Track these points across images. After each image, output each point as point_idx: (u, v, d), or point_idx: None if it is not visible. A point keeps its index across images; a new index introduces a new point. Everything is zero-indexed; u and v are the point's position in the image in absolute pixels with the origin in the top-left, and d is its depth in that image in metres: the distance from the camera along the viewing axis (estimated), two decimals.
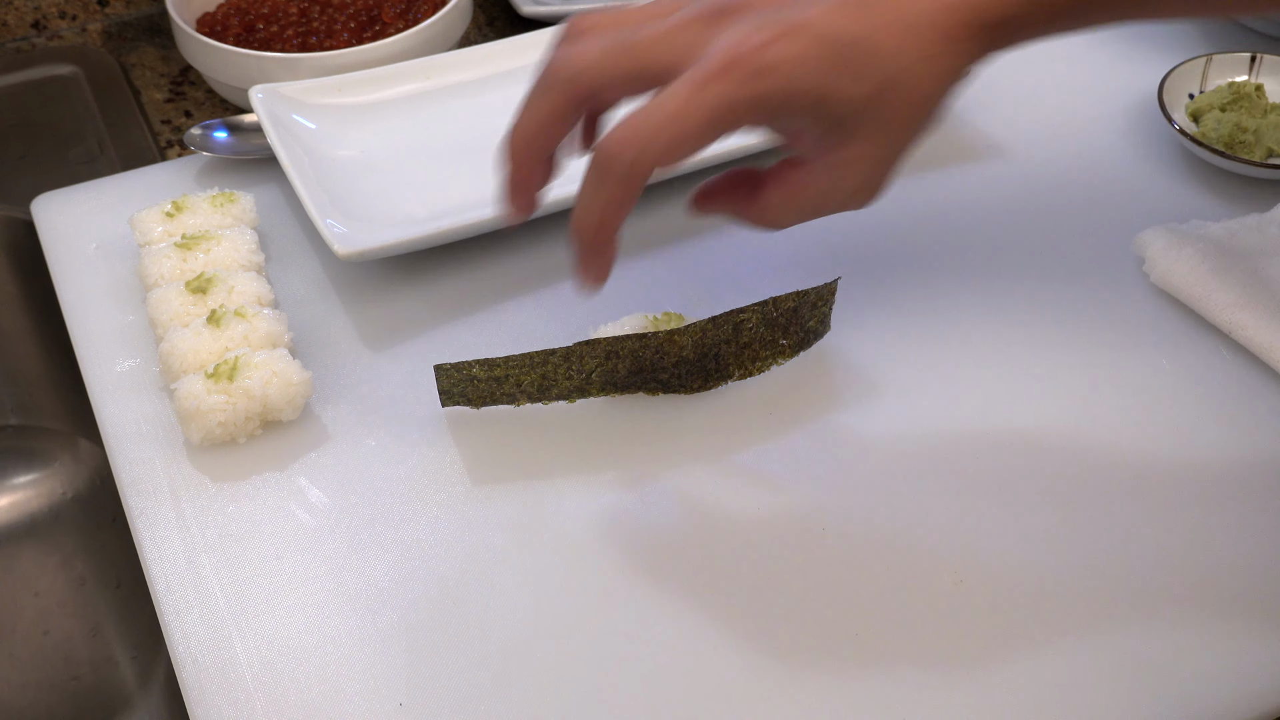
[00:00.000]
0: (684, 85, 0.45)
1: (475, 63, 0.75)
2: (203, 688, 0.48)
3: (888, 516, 0.54)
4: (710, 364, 0.57)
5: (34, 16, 0.88)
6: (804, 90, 0.45)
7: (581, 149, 0.53)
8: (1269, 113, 0.72)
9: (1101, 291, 0.64)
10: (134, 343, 0.62)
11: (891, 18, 0.46)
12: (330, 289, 0.65)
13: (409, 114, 0.73)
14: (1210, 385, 0.59)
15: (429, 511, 0.54)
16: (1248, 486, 0.55)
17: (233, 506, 0.55)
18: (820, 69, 0.45)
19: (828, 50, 0.45)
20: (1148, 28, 0.83)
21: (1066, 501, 0.54)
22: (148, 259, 0.62)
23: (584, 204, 0.48)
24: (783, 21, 0.45)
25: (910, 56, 0.46)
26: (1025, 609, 0.50)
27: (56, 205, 0.70)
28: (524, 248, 0.67)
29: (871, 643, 0.49)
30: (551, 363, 0.55)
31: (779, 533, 0.53)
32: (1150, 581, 0.51)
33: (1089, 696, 0.48)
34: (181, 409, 0.55)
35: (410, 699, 0.48)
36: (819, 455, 0.56)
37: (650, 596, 0.51)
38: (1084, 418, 0.58)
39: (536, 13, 0.84)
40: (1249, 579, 0.51)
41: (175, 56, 0.85)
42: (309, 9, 0.80)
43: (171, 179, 0.71)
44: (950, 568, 0.52)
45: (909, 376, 0.60)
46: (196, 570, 0.52)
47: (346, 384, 0.60)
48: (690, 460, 0.56)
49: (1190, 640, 0.49)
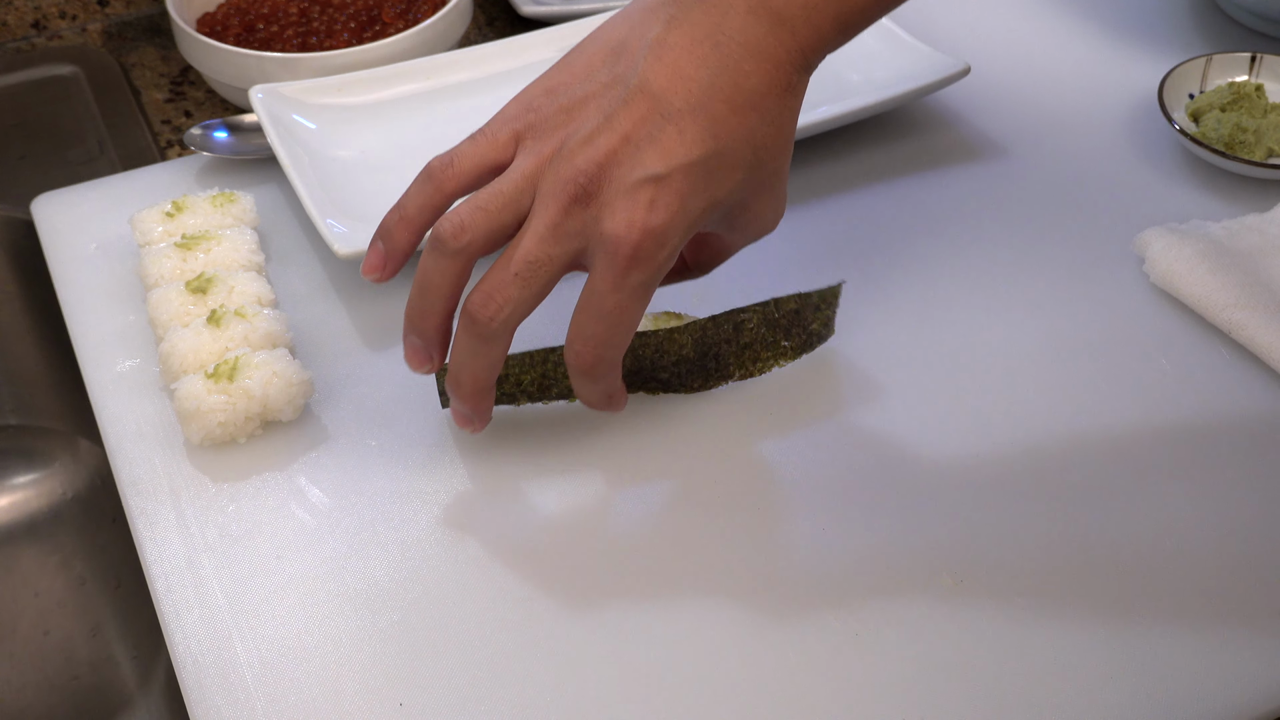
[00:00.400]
0: (604, 282, 0.48)
1: (475, 63, 0.75)
2: (203, 688, 0.48)
3: (888, 516, 0.54)
4: (710, 363, 0.57)
5: (34, 16, 0.88)
6: (699, 214, 0.49)
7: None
8: (1269, 113, 0.72)
9: (1101, 291, 0.64)
10: (134, 343, 0.62)
11: (731, 95, 0.48)
12: (330, 289, 0.65)
13: (409, 114, 0.73)
14: (1210, 385, 0.59)
15: (429, 511, 0.54)
16: (1248, 486, 0.55)
17: (233, 506, 0.55)
18: (700, 193, 0.48)
19: (698, 179, 0.48)
20: (1147, 27, 0.83)
21: (1066, 501, 0.54)
22: (148, 259, 0.62)
23: (465, 365, 0.51)
24: (641, 174, 0.47)
25: (762, 121, 0.49)
26: (1025, 609, 0.50)
27: (56, 205, 0.70)
28: None
29: (871, 643, 0.49)
30: (551, 361, 0.55)
31: (779, 532, 0.53)
32: (1150, 581, 0.51)
33: (1089, 696, 0.48)
34: (181, 409, 0.55)
35: (410, 699, 0.48)
36: (819, 455, 0.56)
37: (650, 596, 0.51)
38: (1084, 418, 0.58)
39: (536, 13, 0.84)
40: (1249, 579, 0.51)
41: (175, 56, 0.85)
42: (309, 9, 0.80)
43: (171, 179, 0.71)
44: (950, 568, 0.52)
45: (909, 376, 0.60)
46: (196, 570, 0.52)
47: (346, 384, 0.60)
48: (690, 460, 0.56)
49: (1191, 640, 0.49)
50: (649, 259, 0.48)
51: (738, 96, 0.48)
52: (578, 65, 0.51)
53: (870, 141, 0.73)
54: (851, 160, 0.72)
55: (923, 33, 0.78)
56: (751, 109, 0.48)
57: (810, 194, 0.70)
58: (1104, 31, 0.83)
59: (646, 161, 0.47)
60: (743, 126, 0.48)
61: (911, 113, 0.75)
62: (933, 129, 0.74)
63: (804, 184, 0.70)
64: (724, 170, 0.48)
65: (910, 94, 0.72)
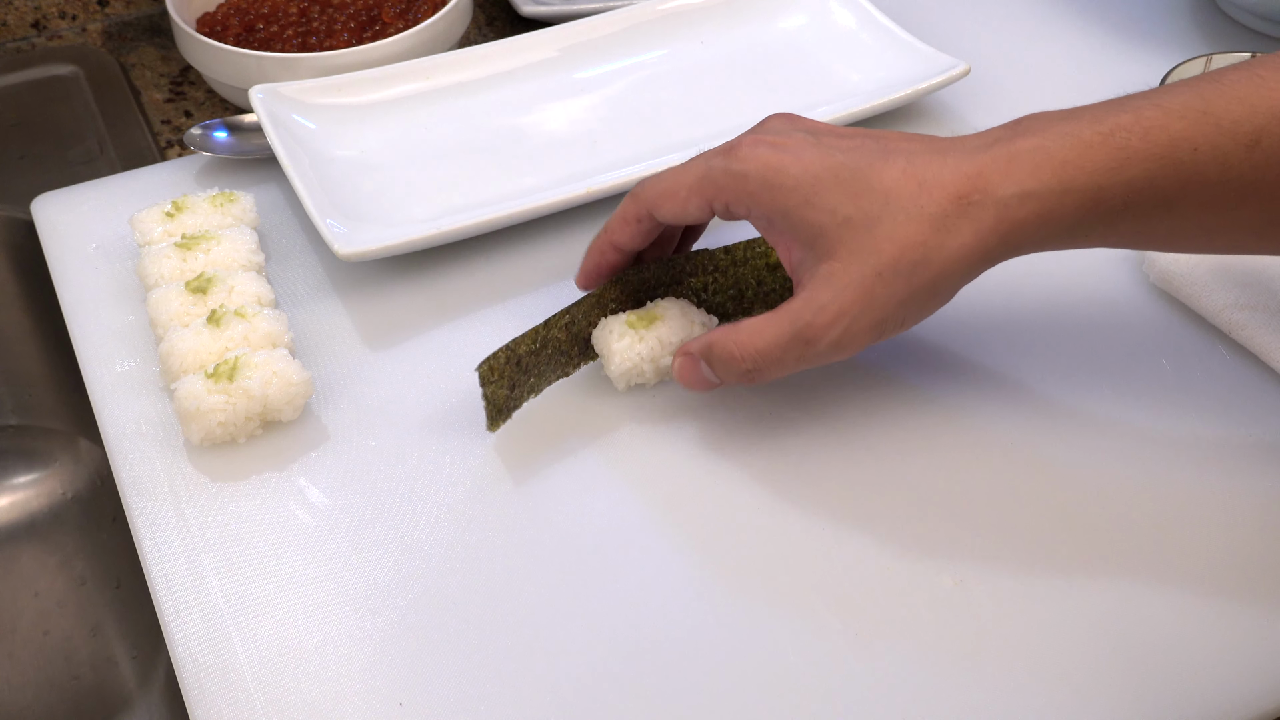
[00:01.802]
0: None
1: (475, 63, 0.75)
2: (203, 688, 0.48)
3: (888, 516, 0.54)
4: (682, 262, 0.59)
5: (34, 16, 0.88)
6: (791, 188, 0.51)
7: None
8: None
9: (1101, 291, 0.64)
10: (134, 343, 0.62)
11: (900, 166, 0.50)
12: (330, 289, 0.65)
13: (409, 114, 0.73)
14: (1210, 385, 0.59)
15: (429, 511, 0.54)
16: (1247, 486, 0.55)
17: (233, 506, 0.55)
18: (815, 179, 0.50)
19: (828, 170, 0.50)
20: (1147, 26, 0.83)
21: (1065, 501, 0.54)
22: (148, 259, 0.62)
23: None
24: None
25: (906, 199, 0.50)
26: (1025, 609, 0.50)
27: (56, 205, 0.70)
28: (524, 248, 0.67)
29: (871, 643, 0.49)
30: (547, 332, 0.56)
31: (779, 532, 0.53)
32: (1150, 581, 0.51)
33: (1089, 696, 0.48)
34: (181, 409, 0.55)
35: (410, 699, 0.48)
36: (820, 454, 0.56)
37: (649, 595, 0.51)
38: (1083, 418, 0.58)
39: (536, 13, 0.84)
40: (1250, 579, 0.51)
41: (175, 56, 0.85)
42: (309, 9, 0.80)
43: (171, 179, 0.71)
44: (950, 568, 0.52)
45: (909, 376, 0.60)
46: (196, 570, 0.52)
47: (346, 384, 0.60)
48: (690, 459, 0.56)
49: (1191, 640, 0.49)
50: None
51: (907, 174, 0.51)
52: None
53: None
54: None
55: (923, 33, 0.78)
56: (912, 188, 0.50)
57: None
58: (1104, 31, 0.83)
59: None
60: (888, 180, 0.51)
61: (911, 113, 0.75)
62: (933, 129, 0.74)
63: None
64: (846, 186, 0.51)
65: (910, 94, 0.72)
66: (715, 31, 0.80)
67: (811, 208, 0.50)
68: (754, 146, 0.52)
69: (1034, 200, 0.49)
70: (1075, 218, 0.49)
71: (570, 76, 0.76)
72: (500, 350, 0.55)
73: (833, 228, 0.50)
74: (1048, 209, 0.49)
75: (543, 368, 0.57)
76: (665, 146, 0.70)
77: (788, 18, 0.81)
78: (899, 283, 0.50)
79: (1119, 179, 0.48)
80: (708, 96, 0.75)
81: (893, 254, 0.49)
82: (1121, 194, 0.48)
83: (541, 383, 0.57)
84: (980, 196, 0.49)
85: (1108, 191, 0.48)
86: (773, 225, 0.52)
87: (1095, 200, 0.48)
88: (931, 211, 0.49)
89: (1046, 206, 0.49)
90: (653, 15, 0.79)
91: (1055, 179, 0.48)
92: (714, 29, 0.80)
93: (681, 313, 0.58)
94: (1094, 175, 0.48)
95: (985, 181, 0.49)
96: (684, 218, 0.54)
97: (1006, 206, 0.49)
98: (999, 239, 0.49)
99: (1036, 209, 0.49)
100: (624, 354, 0.57)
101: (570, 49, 0.77)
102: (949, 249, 0.49)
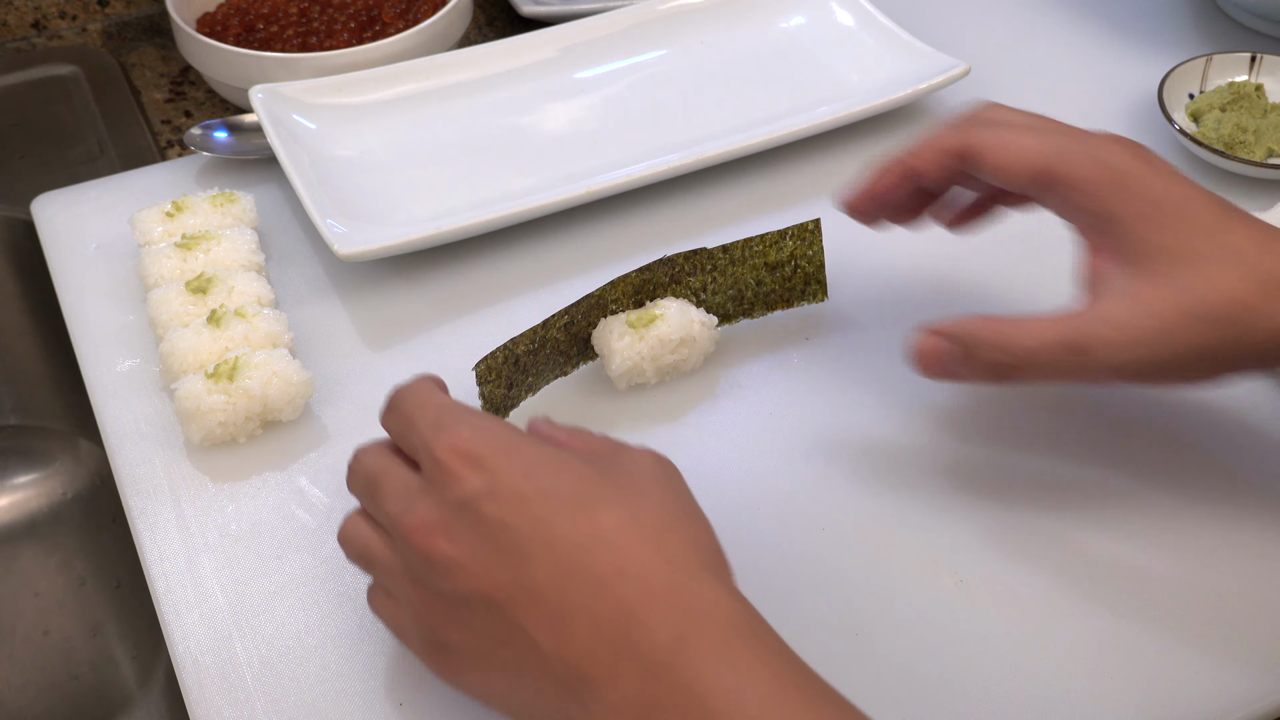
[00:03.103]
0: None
1: (475, 63, 0.75)
2: (203, 688, 0.48)
3: (888, 516, 0.54)
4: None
5: (34, 16, 0.88)
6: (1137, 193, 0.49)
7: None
8: (1269, 113, 0.72)
9: None
10: (134, 343, 0.62)
11: (1256, 227, 0.48)
12: (330, 289, 0.65)
13: (409, 114, 0.73)
14: (1209, 385, 0.59)
15: None
16: (1247, 486, 0.55)
17: (233, 506, 0.54)
18: (1173, 201, 0.49)
19: (1187, 199, 0.49)
20: (1147, 26, 0.83)
21: (1066, 501, 0.54)
22: (148, 259, 0.62)
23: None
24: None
25: (1247, 254, 0.47)
26: (1025, 609, 0.50)
27: (56, 205, 0.70)
28: (524, 248, 0.67)
29: (871, 643, 0.49)
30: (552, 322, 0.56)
31: (779, 532, 0.53)
32: (1150, 582, 0.51)
33: (1089, 696, 0.48)
34: (181, 409, 0.55)
35: (410, 699, 0.48)
36: (820, 454, 0.56)
37: None
38: (1083, 417, 0.58)
39: (536, 13, 0.84)
40: (1250, 579, 0.51)
41: (175, 56, 0.85)
42: (309, 9, 0.80)
43: (171, 179, 0.71)
44: (950, 568, 0.52)
45: (909, 375, 0.59)
46: (196, 570, 0.52)
47: (346, 384, 0.60)
48: (690, 458, 0.56)
49: (1190, 641, 0.49)
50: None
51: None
52: None
53: (870, 141, 0.73)
54: (851, 160, 0.72)
55: (923, 33, 0.78)
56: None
57: (811, 193, 0.70)
58: (1104, 31, 0.83)
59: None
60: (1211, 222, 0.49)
61: (911, 113, 0.75)
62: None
63: (805, 183, 0.70)
64: (1166, 213, 0.49)
65: (910, 94, 0.72)
66: (715, 31, 0.80)
67: (1153, 225, 0.48)
68: (1119, 144, 0.50)
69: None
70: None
71: (570, 76, 0.76)
72: (498, 350, 0.55)
73: (1164, 254, 0.48)
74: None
75: (540, 368, 0.57)
76: (665, 146, 0.70)
77: (788, 18, 0.81)
78: (1204, 330, 0.47)
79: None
80: (708, 96, 0.75)
81: (1213, 301, 0.47)
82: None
83: (539, 382, 0.57)
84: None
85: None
86: (1099, 226, 0.50)
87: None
88: (1264, 275, 0.46)
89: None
90: (653, 15, 0.79)
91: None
92: (714, 29, 0.80)
93: (681, 312, 0.58)
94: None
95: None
96: (1006, 176, 0.51)
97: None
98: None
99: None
100: (624, 354, 0.57)
101: (570, 49, 0.77)
102: (1264, 316, 0.46)
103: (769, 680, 0.38)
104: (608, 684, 0.38)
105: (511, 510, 0.40)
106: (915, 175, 0.54)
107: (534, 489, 0.41)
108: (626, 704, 0.38)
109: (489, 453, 0.41)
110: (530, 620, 0.39)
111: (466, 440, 0.42)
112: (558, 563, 0.39)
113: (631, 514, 0.41)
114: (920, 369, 0.52)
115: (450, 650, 0.42)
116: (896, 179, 0.54)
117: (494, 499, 0.40)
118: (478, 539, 0.40)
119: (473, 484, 0.41)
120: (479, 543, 0.40)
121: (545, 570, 0.39)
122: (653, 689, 0.37)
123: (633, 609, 0.38)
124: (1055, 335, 0.48)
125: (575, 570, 0.39)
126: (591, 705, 0.38)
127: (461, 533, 0.41)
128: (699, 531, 0.42)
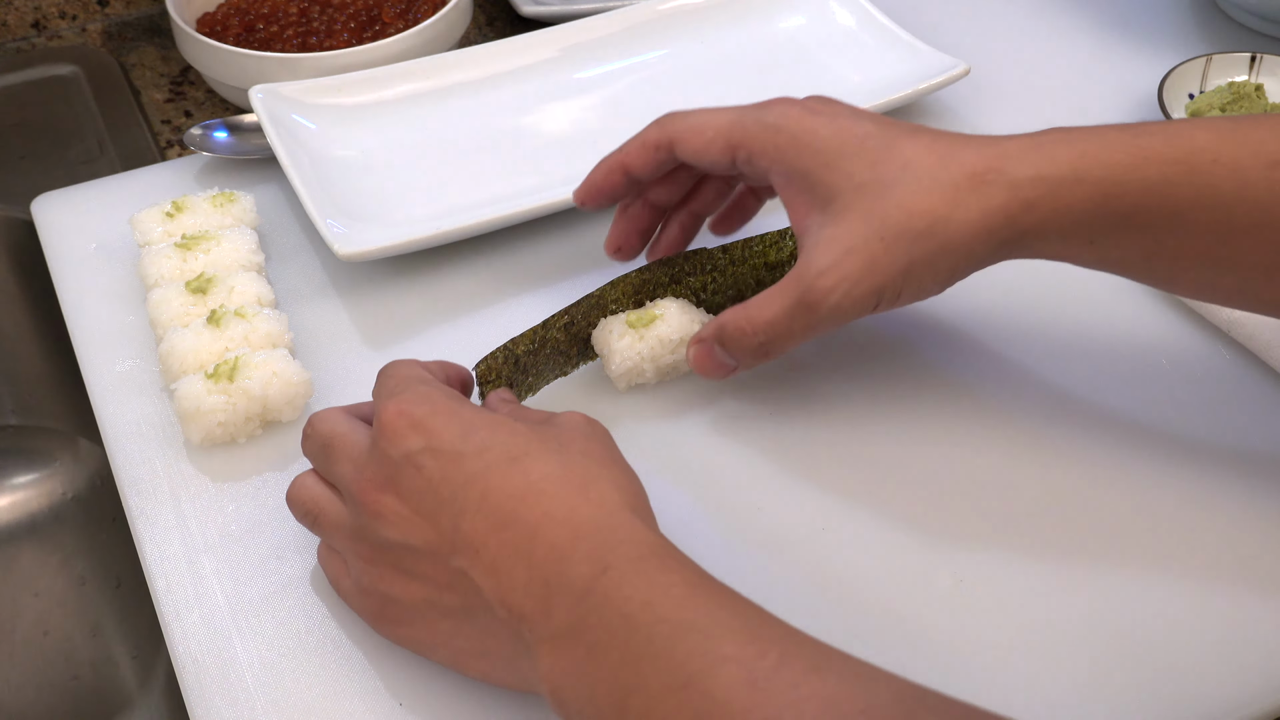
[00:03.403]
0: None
1: (475, 63, 0.75)
2: (203, 688, 0.48)
3: (888, 516, 0.54)
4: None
5: (34, 16, 0.88)
6: (815, 143, 0.52)
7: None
8: (1269, 113, 0.71)
9: (1102, 291, 0.64)
10: (134, 343, 0.62)
11: (925, 142, 0.51)
12: (330, 289, 0.65)
13: (409, 114, 0.73)
14: (1210, 385, 0.59)
15: None
16: (1246, 486, 0.55)
17: (233, 506, 0.54)
18: (842, 143, 0.51)
19: (855, 137, 0.51)
20: (1147, 26, 0.83)
21: (1065, 501, 0.54)
22: (148, 259, 0.62)
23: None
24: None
25: (923, 169, 0.50)
26: (1025, 609, 0.50)
27: (56, 205, 0.70)
28: (524, 248, 0.67)
29: (871, 643, 0.49)
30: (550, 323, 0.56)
31: (779, 532, 0.53)
32: (1150, 581, 0.51)
33: (1089, 696, 0.48)
34: (181, 409, 0.55)
35: (410, 699, 0.48)
36: (819, 453, 0.56)
37: None
38: (1084, 417, 0.58)
39: (536, 13, 0.84)
40: (1250, 578, 0.51)
41: (175, 56, 0.85)
42: (309, 9, 0.80)
43: (171, 179, 0.71)
44: (950, 568, 0.52)
45: (908, 375, 0.60)
46: (196, 570, 0.52)
47: (346, 384, 0.60)
48: (690, 458, 0.56)
49: (1192, 638, 0.49)
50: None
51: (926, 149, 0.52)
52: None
53: None
54: None
55: (923, 33, 0.78)
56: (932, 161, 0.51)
57: None
58: (1104, 31, 0.83)
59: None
60: (908, 151, 0.51)
61: (911, 113, 0.75)
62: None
63: None
64: (868, 154, 0.51)
65: (910, 94, 0.72)
66: (715, 31, 0.80)
67: (832, 170, 0.51)
68: (789, 105, 0.54)
69: (1045, 184, 0.49)
70: (1083, 211, 0.49)
71: (570, 76, 0.76)
72: (498, 350, 0.55)
73: (847, 192, 0.50)
74: (1057, 195, 0.49)
75: (540, 367, 0.57)
76: None
77: (788, 18, 0.81)
78: (901, 250, 0.49)
79: (1134, 176, 0.48)
80: (708, 96, 0.75)
81: (899, 220, 0.49)
82: (1134, 195, 0.48)
83: (539, 382, 0.57)
84: (995, 175, 0.49)
85: (1120, 188, 0.48)
86: (790, 183, 0.52)
87: (1106, 195, 0.48)
88: (945, 183, 0.49)
89: (1056, 193, 0.49)
90: (653, 15, 0.79)
91: (1070, 166, 0.49)
92: (714, 29, 0.80)
93: (681, 312, 0.58)
94: (1110, 169, 0.48)
95: (1003, 162, 0.49)
96: (702, 158, 0.55)
97: (1018, 187, 0.49)
98: (1005, 219, 0.49)
99: (1046, 193, 0.49)
100: (624, 354, 0.57)
101: (570, 49, 0.77)
102: (955, 222, 0.49)
103: (682, 587, 0.41)
104: (542, 618, 0.41)
105: (450, 465, 0.44)
106: (625, 169, 0.57)
107: (470, 446, 0.44)
108: (559, 631, 0.41)
109: (428, 413, 0.45)
110: (473, 567, 0.43)
111: (409, 403, 0.46)
112: (494, 512, 0.43)
113: (560, 464, 0.44)
114: (702, 375, 0.56)
115: (391, 602, 0.46)
116: (609, 173, 0.58)
117: (434, 455, 0.44)
118: (419, 493, 0.44)
119: (413, 442, 0.45)
120: (421, 496, 0.44)
121: (483, 520, 0.43)
122: (580, 611, 0.40)
123: (562, 548, 0.42)
124: (784, 301, 0.51)
125: (510, 519, 0.43)
126: (529, 639, 0.42)
127: (405, 487, 0.44)
128: (622, 478, 0.46)
